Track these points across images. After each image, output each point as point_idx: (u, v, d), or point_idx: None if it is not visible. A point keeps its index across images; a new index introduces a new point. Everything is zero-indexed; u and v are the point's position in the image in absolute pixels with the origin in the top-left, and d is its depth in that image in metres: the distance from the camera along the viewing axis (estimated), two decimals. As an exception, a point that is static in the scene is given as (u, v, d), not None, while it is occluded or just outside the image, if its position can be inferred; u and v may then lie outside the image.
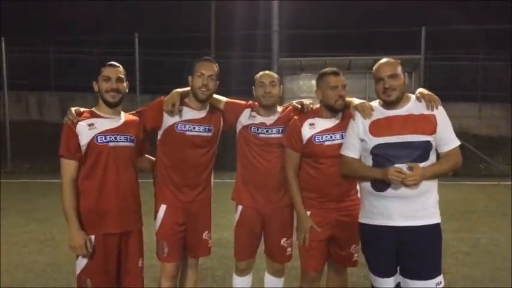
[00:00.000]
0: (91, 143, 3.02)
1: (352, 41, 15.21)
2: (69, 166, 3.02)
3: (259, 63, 14.21)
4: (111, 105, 3.14)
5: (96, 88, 3.14)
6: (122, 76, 3.13)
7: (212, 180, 3.65)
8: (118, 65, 3.16)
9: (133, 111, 3.45)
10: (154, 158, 3.58)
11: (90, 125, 3.05)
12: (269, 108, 3.56)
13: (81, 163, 3.04)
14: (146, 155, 3.58)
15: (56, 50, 17.01)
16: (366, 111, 3.08)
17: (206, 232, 3.63)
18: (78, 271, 3.07)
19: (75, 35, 16.76)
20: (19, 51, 15.88)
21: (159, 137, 3.51)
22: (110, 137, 3.07)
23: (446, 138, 2.96)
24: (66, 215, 2.99)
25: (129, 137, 3.16)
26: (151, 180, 3.58)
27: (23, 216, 7.57)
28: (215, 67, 3.45)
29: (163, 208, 3.47)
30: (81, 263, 3.05)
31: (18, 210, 8.04)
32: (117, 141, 3.09)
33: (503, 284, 4.69)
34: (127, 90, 3.19)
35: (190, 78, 3.46)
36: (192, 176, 3.48)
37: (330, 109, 3.35)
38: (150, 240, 3.47)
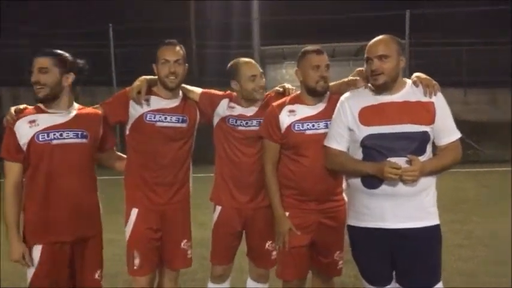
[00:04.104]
0: (31, 142, 2.75)
1: (335, 28, 14.98)
2: (11, 169, 2.79)
3: (238, 53, 13.94)
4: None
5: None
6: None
7: (190, 178, 3.34)
8: None
9: (96, 105, 3.18)
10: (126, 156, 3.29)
11: (31, 122, 2.78)
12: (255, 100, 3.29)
13: (24, 164, 2.79)
14: (118, 153, 3.31)
15: (28, 43, 16.53)
16: (356, 84, 2.90)
17: (185, 241, 3.29)
18: (28, 279, 2.85)
19: (49, 28, 16.28)
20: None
21: (127, 132, 3.21)
22: (54, 134, 2.79)
23: (446, 129, 2.70)
24: (7, 226, 2.76)
25: (80, 132, 2.85)
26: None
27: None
28: (180, 50, 3.15)
29: (134, 212, 3.16)
30: (30, 272, 2.83)
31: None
32: (63, 138, 2.80)
33: (499, 277, 4.51)
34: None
35: (154, 66, 3.15)
36: (166, 173, 3.16)
37: (311, 92, 3.00)
38: (124, 244, 3.23)
